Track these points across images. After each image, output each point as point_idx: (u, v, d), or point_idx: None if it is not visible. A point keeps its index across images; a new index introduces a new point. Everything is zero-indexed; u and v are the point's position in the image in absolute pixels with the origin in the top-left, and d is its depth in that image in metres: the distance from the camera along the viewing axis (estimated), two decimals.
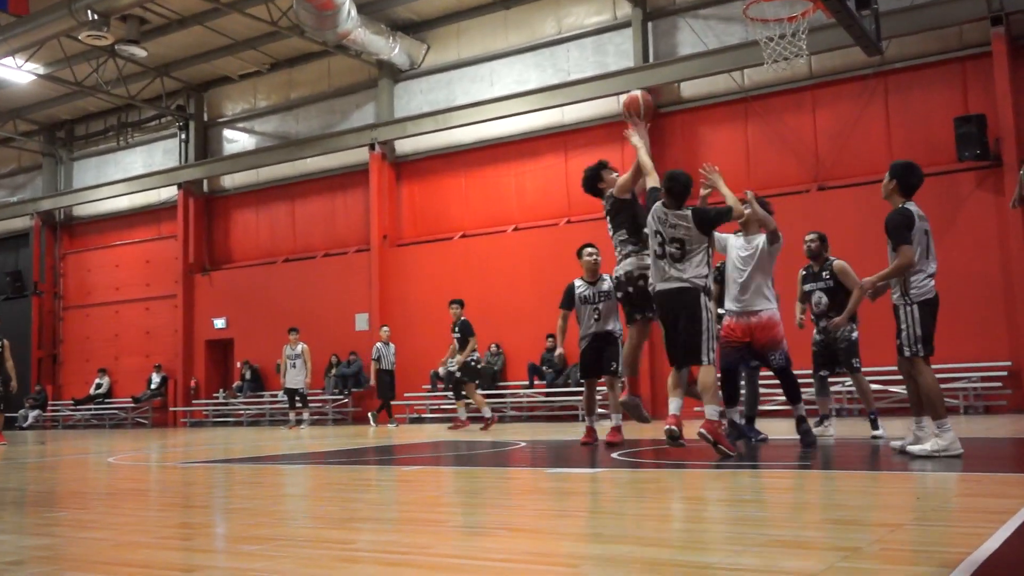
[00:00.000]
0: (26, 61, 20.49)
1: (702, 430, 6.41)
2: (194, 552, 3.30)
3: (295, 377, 17.31)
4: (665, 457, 6.85)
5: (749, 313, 7.34)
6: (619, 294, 8.17)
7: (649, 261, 7.35)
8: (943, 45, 15.15)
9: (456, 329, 14.05)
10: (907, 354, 6.13)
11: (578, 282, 8.91)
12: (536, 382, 17.88)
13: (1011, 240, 14.08)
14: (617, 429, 8.42)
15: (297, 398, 17.44)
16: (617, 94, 17.54)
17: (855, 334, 8.41)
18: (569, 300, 8.92)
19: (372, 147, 20.40)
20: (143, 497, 5.39)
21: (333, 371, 20.36)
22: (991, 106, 14.42)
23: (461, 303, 14.22)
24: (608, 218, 8.27)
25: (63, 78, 21.84)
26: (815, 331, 8.76)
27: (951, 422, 6.17)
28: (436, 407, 18.55)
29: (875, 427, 8.15)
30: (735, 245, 7.56)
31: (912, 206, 6.21)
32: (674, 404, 6.64)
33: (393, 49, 19.55)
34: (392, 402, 17.06)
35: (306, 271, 21.61)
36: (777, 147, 16.43)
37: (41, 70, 21.31)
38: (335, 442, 11.41)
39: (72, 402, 25.05)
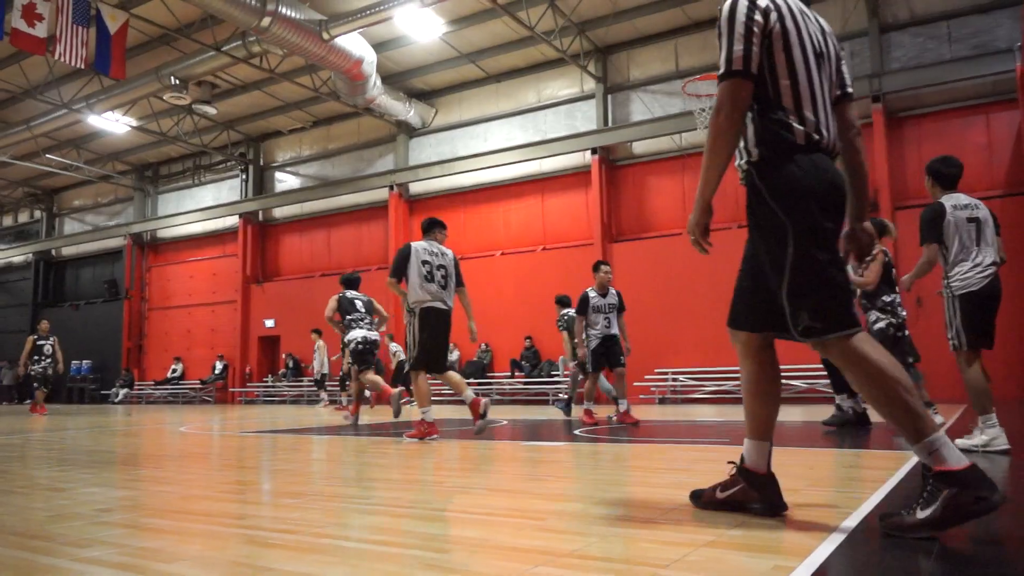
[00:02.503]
0: (123, 115, 20.44)
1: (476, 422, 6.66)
2: (246, 504, 3.27)
3: (324, 365, 17.24)
4: (619, 435, 6.83)
5: None
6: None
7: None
8: None
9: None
10: (950, 346, 4.84)
11: (591, 293, 8.46)
12: (516, 374, 17.86)
13: None
14: (627, 412, 8.17)
15: (327, 383, 17.34)
16: (583, 150, 17.66)
17: (877, 325, 6.65)
18: (584, 307, 8.43)
19: (391, 188, 20.39)
20: (206, 459, 5.34)
21: None
22: (871, 164, 14.53)
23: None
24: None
25: (151, 129, 21.79)
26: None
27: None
28: (436, 392, 18.46)
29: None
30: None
31: (947, 199, 4.87)
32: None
33: (409, 112, 19.58)
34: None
35: (338, 284, 21.49)
36: None
37: (134, 123, 21.24)
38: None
39: (153, 383, 24.87)
